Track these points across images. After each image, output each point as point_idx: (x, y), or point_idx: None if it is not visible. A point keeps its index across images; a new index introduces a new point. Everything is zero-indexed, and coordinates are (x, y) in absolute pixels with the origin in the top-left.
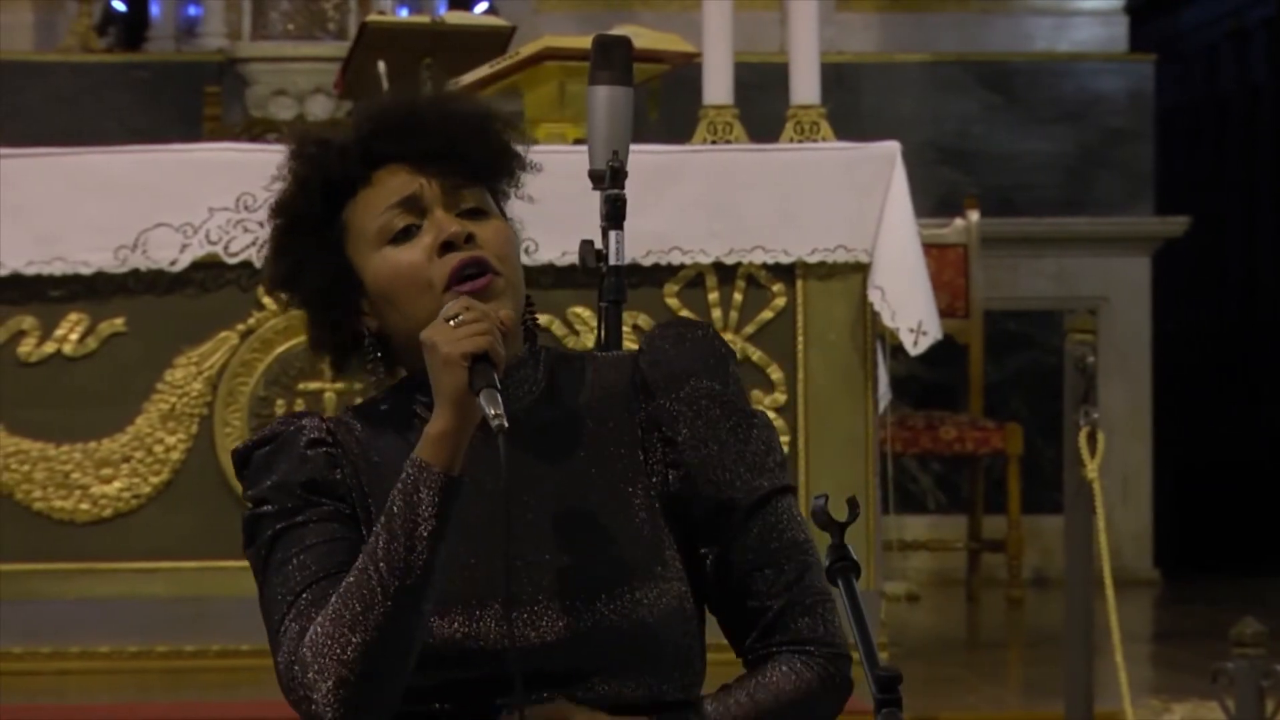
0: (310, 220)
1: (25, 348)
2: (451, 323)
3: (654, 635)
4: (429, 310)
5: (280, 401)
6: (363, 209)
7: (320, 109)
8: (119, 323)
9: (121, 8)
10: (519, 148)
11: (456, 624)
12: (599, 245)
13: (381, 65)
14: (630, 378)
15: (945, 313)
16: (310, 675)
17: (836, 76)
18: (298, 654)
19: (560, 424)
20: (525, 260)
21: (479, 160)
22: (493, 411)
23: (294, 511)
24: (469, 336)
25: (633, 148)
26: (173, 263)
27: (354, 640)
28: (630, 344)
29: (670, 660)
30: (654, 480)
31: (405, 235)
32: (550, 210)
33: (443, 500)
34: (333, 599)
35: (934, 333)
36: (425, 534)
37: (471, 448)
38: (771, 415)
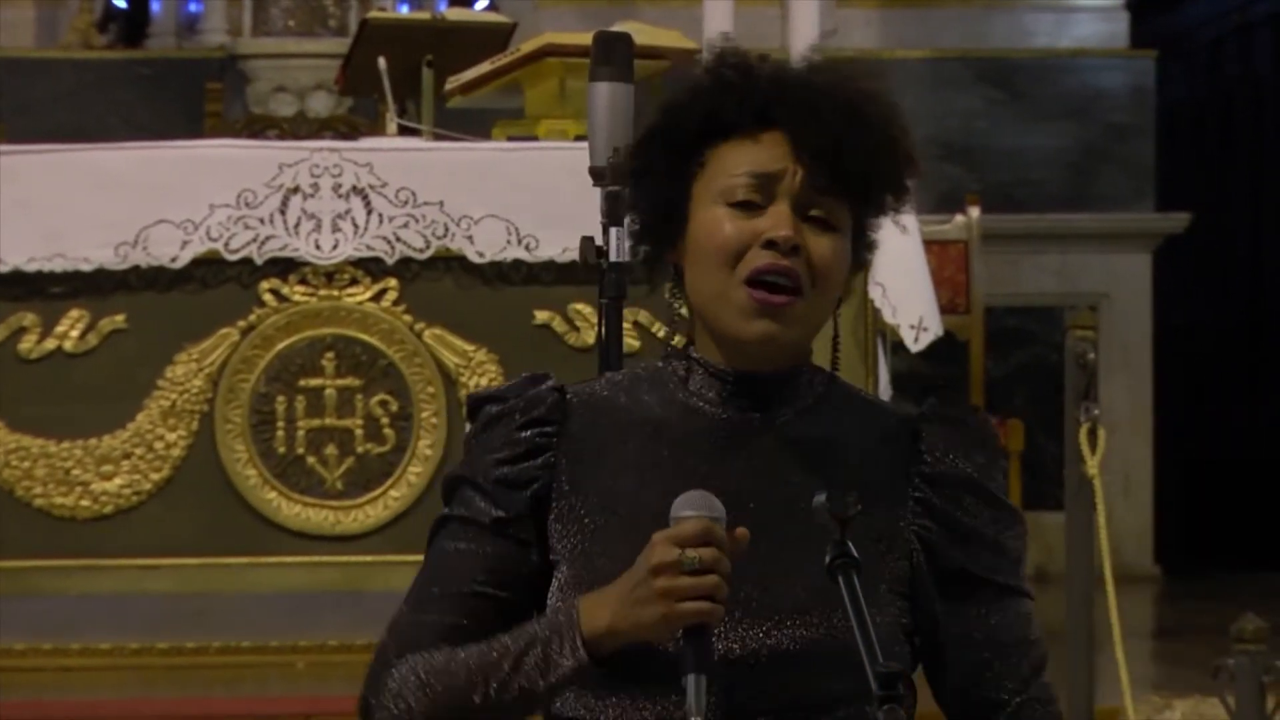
0: (678, 139)
1: (26, 344)
2: (683, 560)
3: (827, 658)
4: (722, 287)
5: (281, 398)
6: (726, 158)
7: (321, 105)
8: (120, 319)
9: (122, 4)
10: (909, 182)
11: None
12: (599, 242)
13: (382, 62)
14: (906, 453)
15: (946, 309)
16: (383, 698)
17: None
18: (388, 671)
19: (819, 443)
20: (526, 257)
21: (863, 181)
22: (693, 709)
23: (472, 497)
24: (694, 601)
25: None
26: (173, 259)
27: (422, 710)
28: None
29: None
30: (906, 542)
31: (744, 207)
32: (551, 206)
33: (572, 677)
34: (444, 658)
35: (935, 329)
36: (540, 691)
37: (705, 447)
38: None
